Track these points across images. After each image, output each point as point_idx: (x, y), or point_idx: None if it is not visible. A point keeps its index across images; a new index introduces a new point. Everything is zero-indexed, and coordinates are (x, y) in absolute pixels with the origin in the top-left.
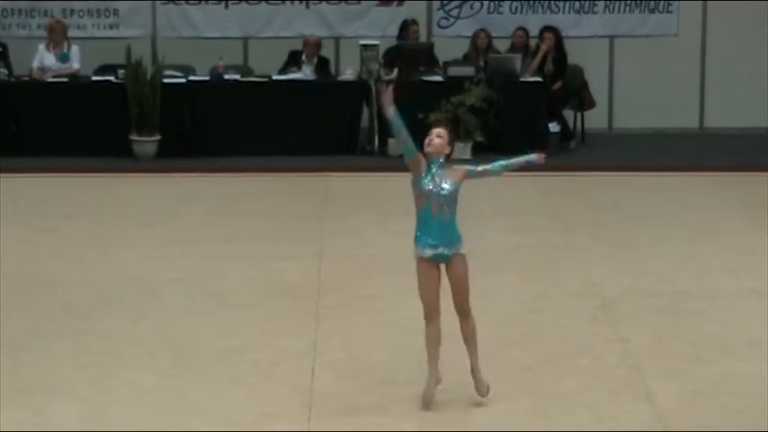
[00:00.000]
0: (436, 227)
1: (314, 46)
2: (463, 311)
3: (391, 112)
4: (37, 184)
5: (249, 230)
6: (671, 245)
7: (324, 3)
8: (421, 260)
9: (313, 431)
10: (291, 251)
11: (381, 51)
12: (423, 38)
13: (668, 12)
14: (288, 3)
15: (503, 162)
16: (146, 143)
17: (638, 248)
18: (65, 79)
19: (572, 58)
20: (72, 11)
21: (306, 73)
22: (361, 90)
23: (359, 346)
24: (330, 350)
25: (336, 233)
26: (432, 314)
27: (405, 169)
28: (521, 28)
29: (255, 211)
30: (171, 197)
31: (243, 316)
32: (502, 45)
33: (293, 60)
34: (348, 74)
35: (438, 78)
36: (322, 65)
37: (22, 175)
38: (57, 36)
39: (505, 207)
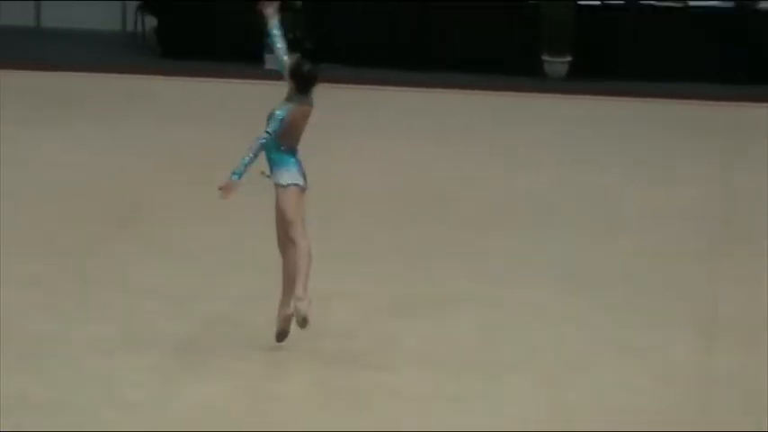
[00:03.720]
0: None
1: None
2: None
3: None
4: (440, 99)
5: (652, 154)
6: None
7: None
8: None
9: None
10: (689, 175)
11: None
12: None
13: None
14: None
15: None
16: (557, 63)
17: None
18: None
19: None
20: None
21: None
22: None
23: None
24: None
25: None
26: None
27: None
28: None
29: (660, 138)
30: (579, 119)
31: (639, 239)
32: None
33: None
34: None
35: None
36: None
37: (424, 89)
38: None
39: None
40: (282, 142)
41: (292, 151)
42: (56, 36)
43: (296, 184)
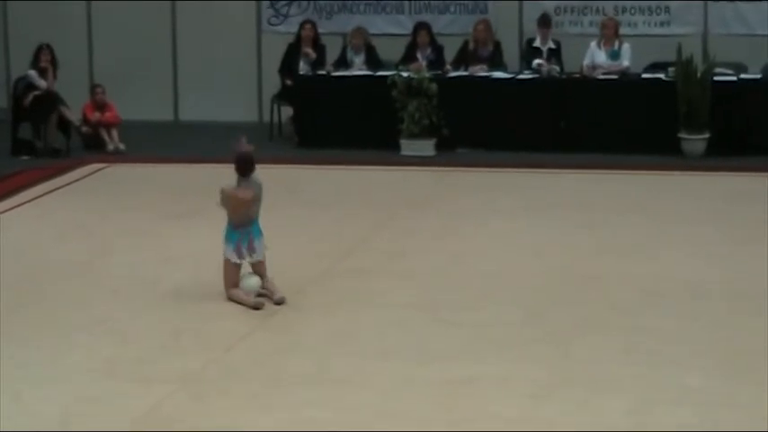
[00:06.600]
0: None
1: None
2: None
3: None
4: (578, 180)
5: None
6: None
7: None
8: None
9: None
10: None
11: None
12: None
13: None
14: None
15: None
16: (694, 141)
17: None
18: (614, 76)
19: None
20: (624, 8)
21: None
22: None
23: None
24: None
25: None
26: None
27: None
28: None
29: None
30: (719, 196)
31: None
32: None
33: None
34: None
35: None
36: None
37: (561, 171)
38: (608, 33)
39: None
40: (232, 220)
41: (239, 229)
42: (194, 129)
43: (228, 260)
